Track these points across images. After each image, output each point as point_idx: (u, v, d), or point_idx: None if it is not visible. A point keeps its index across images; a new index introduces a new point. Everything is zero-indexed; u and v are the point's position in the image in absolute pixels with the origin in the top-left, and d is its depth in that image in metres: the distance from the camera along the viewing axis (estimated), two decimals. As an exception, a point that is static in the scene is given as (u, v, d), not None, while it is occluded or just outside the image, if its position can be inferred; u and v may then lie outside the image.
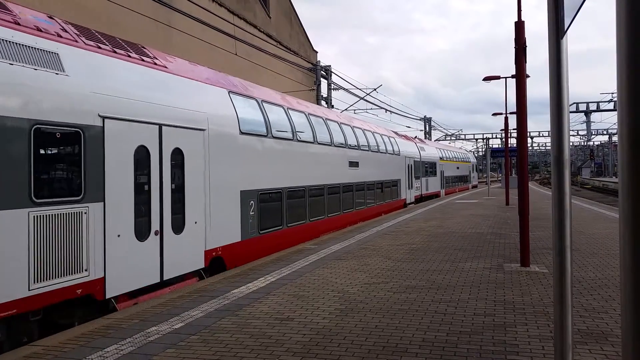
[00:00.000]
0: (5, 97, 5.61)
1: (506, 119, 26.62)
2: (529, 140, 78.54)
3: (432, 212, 20.64)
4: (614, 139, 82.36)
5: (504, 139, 28.08)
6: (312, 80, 30.28)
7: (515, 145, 23.88)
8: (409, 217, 18.79)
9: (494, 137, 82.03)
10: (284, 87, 23.42)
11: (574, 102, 62.25)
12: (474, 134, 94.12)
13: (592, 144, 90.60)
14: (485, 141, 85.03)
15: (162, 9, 16.11)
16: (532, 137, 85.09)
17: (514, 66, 9.42)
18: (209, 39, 18.26)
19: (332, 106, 30.41)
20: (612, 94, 55.20)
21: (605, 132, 79.85)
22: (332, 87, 30.80)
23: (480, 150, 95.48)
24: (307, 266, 9.33)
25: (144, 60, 8.24)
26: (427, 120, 59.21)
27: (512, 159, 31.36)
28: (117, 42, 8.01)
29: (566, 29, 2.67)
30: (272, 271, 8.90)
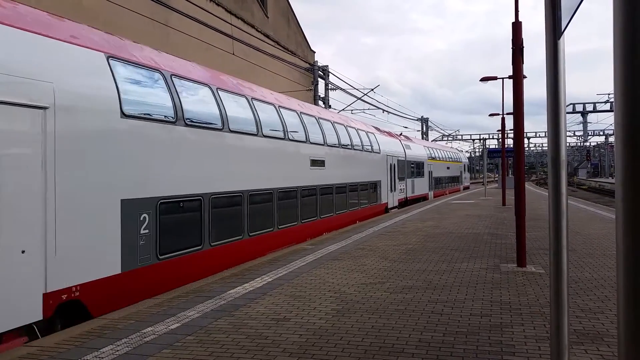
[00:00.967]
0: None
1: (503, 120, 26.68)
2: (526, 140, 78.72)
3: (429, 213, 20.66)
4: (611, 139, 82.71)
5: (501, 140, 28.13)
6: (309, 80, 30.27)
7: (512, 145, 23.98)
8: (405, 217, 18.80)
9: (491, 137, 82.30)
10: (282, 87, 23.40)
11: (571, 103, 62.46)
12: (470, 135, 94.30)
13: (588, 144, 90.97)
14: (482, 142, 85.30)
15: (160, 8, 16.09)
16: (529, 138, 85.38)
17: (510, 67, 9.44)
18: (207, 39, 18.23)
19: (330, 106, 30.40)
20: (609, 95, 55.41)
21: (601, 133, 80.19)
22: (329, 87, 30.81)
23: (477, 150, 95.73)
24: (304, 266, 9.32)
25: None
26: (424, 120, 59.30)
27: (509, 160, 31.39)
28: None
29: (563, 30, 2.67)
30: (269, 271, 8.89)
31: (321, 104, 29.71)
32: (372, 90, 33.12)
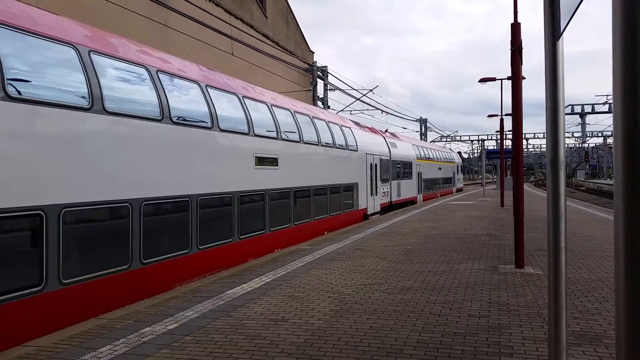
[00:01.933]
0: None
1: (502, 121, 26.73)
2: (524, 141, 78.82)
3: (427, 214, 20.67)
4: (609, 141, 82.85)
5: (500, 141, 28.15)
6: (308, 80, 30.27)
7: (510, 146, 23.94)
8: (404, 218, 18.80)
9: (490, 138, 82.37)
10: (280, 87, 23.40)
11: (569, 104, 62.49)
12: (469, 136, 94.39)
13: (587, 146, 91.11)
14: (480, 142, 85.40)
15: (159, 8, 16.08)
16: (528, 139, 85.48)
17: (508, 68, 9.46)
18: (206, 39, 18.22)
19: (329, 107, 30.41)
20: (607, 96, 55.46)
21: (600, 134, 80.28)
22: (328, 88, 30.81)
23: (475, 151, 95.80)
24: (302, 267, 9.31)
25: None
26: (422, 121, 59.34)
27: (507, 161, 31.42)
28: None
29: (562, 31, 2.67)
30: (267, 272, 8.88)
31: (320, 104, 29.71)
32: (371, 90, 33.16)
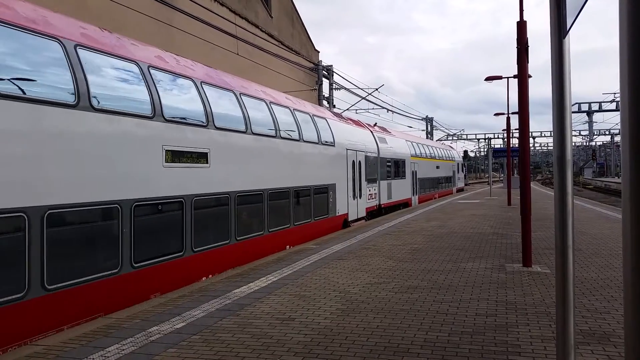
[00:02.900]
0: None
1: (508, 119, 26.62)
2: (531, 140, 78.39)
3: (434, 212, 20.62)
4: (617, 139, 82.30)
5: (506, 139, 28.02)
6: (313, 79, 30.26)
7: (517, 145, 23.81)
8: (410, 217, 18.77)
9: (496, 137, 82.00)
10: (286, 86, 23.41)
11: (576, 102, 62.14)
12: (475, 134, 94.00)
13: (594, 144, 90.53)
14: (487, 141, 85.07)
15: (164, 8, 16.12)
16: (534, 137, 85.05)
17: (513, 66, 9.40)
18: (211, 39, 18.26)
19: (334, 106, 30.40)
20: (614, 94, 55.10)
21: (607, 133, 79.73)
22: (333, 87, 30.79)
23: (482, 150, 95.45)
24: (309, 266, 9.32)
25: None
26: (428, 120, 59.17)
27: (514, 159, 31.26)
28: None
29: (568, 29, 2.66)
30: (274, 271, 8.90)
31: (325, 104, 29.70)
32: (377, 90, 33.07)
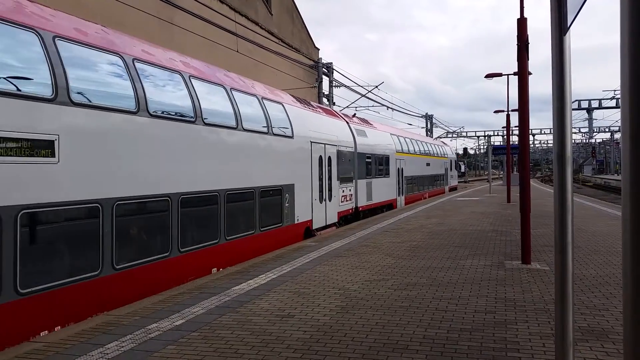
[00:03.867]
0: None
1: (508, 116, 26.59)
2: (531, 137, 78.44)
3: (433, 210, 20.63)
4: (616, 136, 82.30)
5: (506, 136, 28.00)
6: (313, 77, 30.23)
7: (517, 142, 23.74)
8: (409, 214, 18.77)
9: (496, 134, 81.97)
10: (286, 84, 23.38)
11: (576, 100, 62.16)
12: (475, 132, 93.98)
13: (594, 141, 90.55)
14: (486, 138, 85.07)
15: (164, 6, 16.09)
16: (534, 135, 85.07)
17: (514, 63, 9.40)
18: (211, 36, 18.23)
19: (334, 103, 30.38)
20: (615, 91, 55.07)
21: (607, 130, 79.79)
22: (333, 85, 30.76)
23: (482, 147, 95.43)
24: (308, 263, 9.33)
25: None
26: (428, 117, 59.12)
27: (514, 157, 31.24)
28: None
29: (569, 26, 2.66)
30: (273, 268, 8.90)
31: (325, 101, 29.68)
32: (377, 87, 33.04)
